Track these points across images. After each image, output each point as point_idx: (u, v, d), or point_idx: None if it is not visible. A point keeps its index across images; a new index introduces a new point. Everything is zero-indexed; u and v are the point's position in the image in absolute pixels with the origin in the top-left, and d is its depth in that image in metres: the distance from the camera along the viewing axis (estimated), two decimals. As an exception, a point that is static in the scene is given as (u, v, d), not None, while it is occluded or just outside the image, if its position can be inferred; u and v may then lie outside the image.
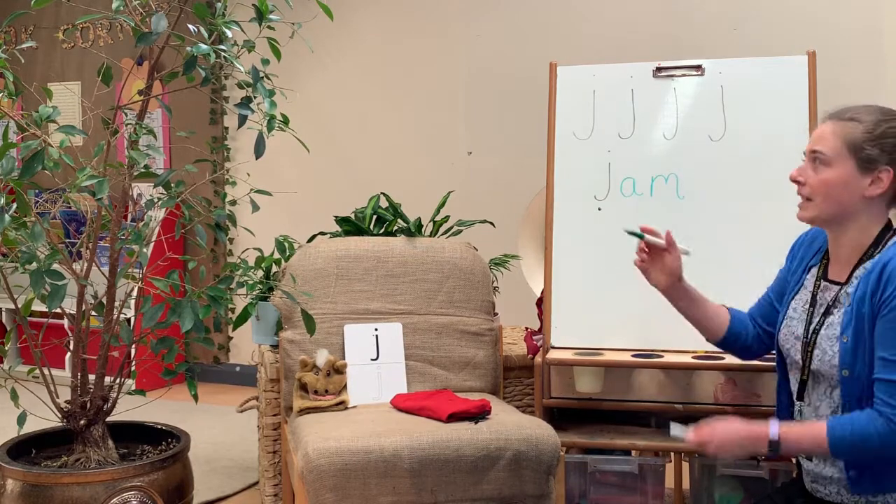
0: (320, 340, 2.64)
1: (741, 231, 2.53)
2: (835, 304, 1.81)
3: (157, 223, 4.41)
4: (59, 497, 2.27)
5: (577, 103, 2.68)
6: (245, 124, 2.45)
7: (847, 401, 1.75)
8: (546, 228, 2.63)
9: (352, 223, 3.02)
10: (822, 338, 1.80)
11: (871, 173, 1.77)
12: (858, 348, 1.73)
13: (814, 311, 1.86)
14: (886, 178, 1.77)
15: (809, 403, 1.85)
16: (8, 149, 2.15)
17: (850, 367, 1.73)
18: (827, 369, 1.79)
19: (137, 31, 2.30)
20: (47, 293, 2.13)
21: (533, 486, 2.27)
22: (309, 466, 2.16)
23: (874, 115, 1.79)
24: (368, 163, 4.77)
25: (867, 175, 1.78)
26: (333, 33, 4.66)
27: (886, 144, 1.77)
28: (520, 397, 3.10)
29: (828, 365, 1.78)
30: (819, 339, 1.81)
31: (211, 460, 3.69)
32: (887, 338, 1.68)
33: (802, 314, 1.88)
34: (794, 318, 1.90)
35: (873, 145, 1.77)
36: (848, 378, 1.74)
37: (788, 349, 1.91)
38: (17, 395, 2.42)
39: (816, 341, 1.81)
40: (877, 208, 1.80)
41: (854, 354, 1.73)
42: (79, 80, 5.58)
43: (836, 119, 1.82)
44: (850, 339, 1.74)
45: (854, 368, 1.73)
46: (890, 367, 1.67)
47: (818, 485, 1.83)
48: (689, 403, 2.46)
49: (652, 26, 4.07)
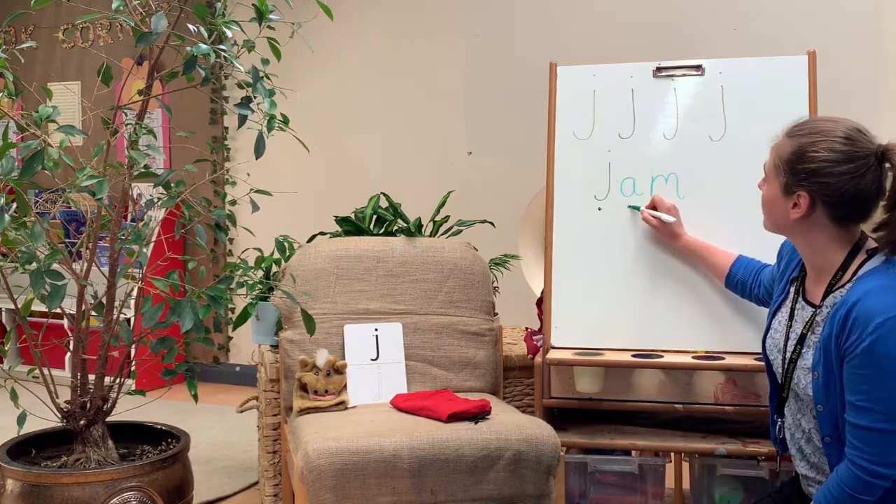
0: (320, 340, 2.64)
1: (741, 231, 2.53)
2: (810, 330, 1.79)
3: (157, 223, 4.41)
4: (59, 497, 2.27)
5: (577, 103, 2.68)
6: (245, 124, 2.45)
7: (825, 433, 1.74)
8: (546, 228, 2.63)
9: (352, 223, 3.02)
10: (798, 368, 1.79)
11: (791, 196, 1.74)
12: (829, 385, 1.71)
13: (791, 326, 1.85)
14: (804, 203, 1.72)
15: (791, 420, 1.86)
16: (8, 149, 2.15)
17: (823, 402, 1.72)
18: (804, 396, 1.78)
19: (137, 30, 2.30)
20: (47, 293, 2.13)
21: (533, 486, 2.27)
22: (309, 466, 2.16)
23: (810, 137, 1.72)
24: (368, 163, 4.77)
25: (789, 198, 1.75)
26: (333, 33, 4.66)
27: (804, 169, 1.71)
28: (520, 397, 3.10)
29: (804, 393, 1.78)
30: (796, 369, 1.80)
31: (211, 460, 3.69)
32: (852, 382, 1.66)
33: (784, 328, 1.87)
34: (779, 332, 1.89)
35: (790, 168, 1.73)
36: (823, 413, 1.73)
37: (773, 360, 1.91)
38: (17, 396, 2.42)
39: (794, 370, 1.80)
40: (826, 231, 1.74)
41: (825, 391, 1.71)
42: (79, 80, 5.58)
43: (785, 133, 1.78)
44: (820, 376, 1.72)
45: (827, 404, 1.72)
46: (854, 411, 1.65)
47: (812, 488, 1.83)
48: (689, 403, 2.46)
49: (652, 26, 4.07)
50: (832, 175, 1.69)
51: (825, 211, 1.72)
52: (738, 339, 2.44)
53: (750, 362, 2.33)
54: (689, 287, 2.50)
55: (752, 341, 2.41)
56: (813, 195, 1.72)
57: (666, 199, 2.49)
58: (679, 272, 2.52)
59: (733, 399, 2.44)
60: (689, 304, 2.50)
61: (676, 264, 2.53)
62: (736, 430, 2.43)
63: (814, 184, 1.71)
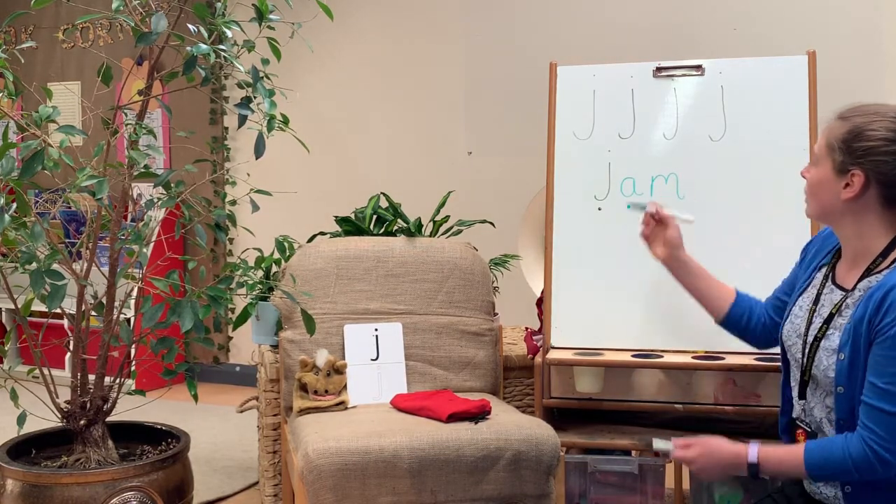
0: (320, 340, 2.64)
1: (741, 231, 2.53)
2: (839, 312, 1.79)
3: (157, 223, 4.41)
4: (59, 497, 2.27)
5: (577, 103, 2.68)
6: (245, 124, 2.45)
7: (841, 416, 1.74)
8: (546, 228, 2.63)
9: (352, 223, 3.02)
10: (821, 348, 1.79)
11: (844, 176, 1.75)
12: (854, 367, 1.71)
13: (815, 310, 1.85)
14: (857, 183, 1.73)
15: (811, 403, 1.85)
16: (8, 149, 2.15)
17: (845, 384, 1.72)
18: (823, 378, 1.78)
19: (137, 31, 2.30)
20: (47, 293, 2.13)
21: (533, 486, 2.27)
22: (309, 466, 2.16)
23: (866, 117, 1.75)
24: (368, 163, 4.77)
25: (842, 177, 1.76)
26: (333, 33, 4.66)
27: (860, 147, 1.73)
28: (520, 397, 3.10)
29: (823, 375, 1.78)
30: (819, 348, 1.80)
31: (211, 460, 3.69)
32: (880, 365, 1.66)
33: (806, 313, 1.87)
34: (799, 317, 1.89)
35: (846, 147, 1.74)
36: (843, 395, 1.73)
37: (790, 346, 1.90)
38: (17, 395, 2.42)
39: (817, 349, 1.80)
40: (874, 213, 1.76)
41: (849, 373, 1.71)
42: (79, 80, 5.58)
43: (837, 116, 1.81)
44: (846, 358, 1.72)
45: (848, 386, 1.72)
46: (878, 394, 1.65)
47: (816, 487, 1.83)
48: (689, 403, 2.46)
49: (652, 26, 4.07)
50: (889, 154, 1.71)
51: (878, 191, 1.74)
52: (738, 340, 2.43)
53: (750, 362, 2.33)
54: (689, 287, 2.50)
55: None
56: (868, 174, 1.73)
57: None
58: (679, 272, 2.52)
59: (733, 399, 2.44)
60: (689, 304, 2.50)
61: (676, 264, 2.53)
62: (736, 430, 2.42)
63: (870, 162, 1.72)
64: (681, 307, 2.49)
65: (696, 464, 1.82)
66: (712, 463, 1.81)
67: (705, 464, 1.81)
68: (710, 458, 1.81)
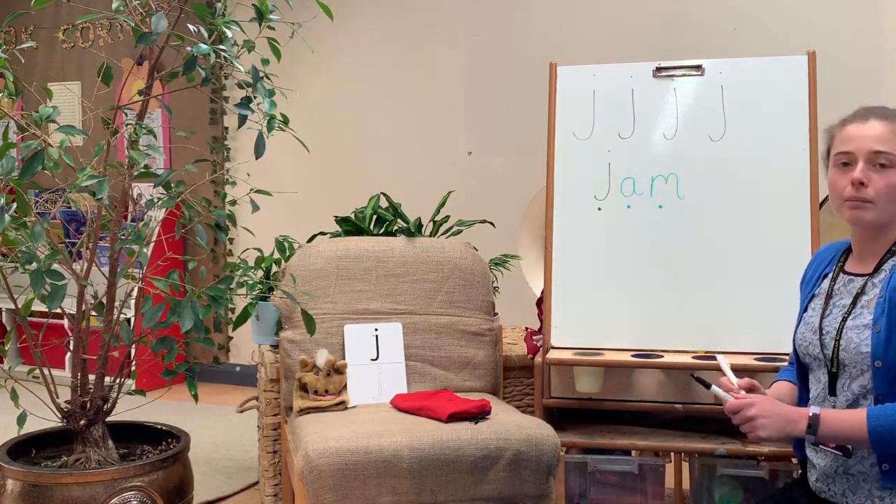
0: (320, 340, 2.64)
1: (741, 231, 2.53)
2: (863, 292, 1.80)
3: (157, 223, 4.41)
4: (59, 497, 2.27)
5: (577, 103, 2.68)
6: (245, 124, 2.45)
7: (880, 391, 1.74)
8: (546, 228, 2.63)
9: (352, 223, 3.02)
10: (848, 328, 1.79)
11: None
12: (892, 338, 1.71)
13: (831, 302, 1.86)
14: None
15: (840, 398, 1.84)
16: (8, 149, 2.15)
17: (883, 357, 1.72)
18: (854, 358, 1.78)
19: (137, 31, 2.30)
20: (47, 293, 2.13)
21: (533, 486, 2.27)
22: (309, 466, 2.16)
23: None
24: (368, 163, 4.77)
25: None
26: (333, 33, 4.66)
27: None
28: (520, 397, 3.10)
29: (855, 353, 1.77)
30: (846, 329, 1.80)
31: (211, 460, 3.69)
32: None
33: (819, 311, 1.87)
34: (812, 317, 1.89)
35: None
36: (881, 368, 1.73)
37: (806, 346, 1.89)
38: (17, 395, 2.42)
39: (843, 330, 1.80)
40: None
41: (887, 345, 1.72)
42: (79, 80, 5.58)
43: (892, 119, 1.81)
44: (882, 330, 1.73)
45: (886, 358, 1.72)
46: None
47: (822, 484, 1.83)
48: (689, 403, 2.46)
49: (652, 26, 4.07)
50: None
51: None
52: (738, 339, 2.44)
53: (750, 362, 2.33)
54: (688, 287, 2.51)
55: (752, 341, 2.41)
56: None
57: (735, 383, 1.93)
58: (679, 272, 2.52)
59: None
60: (689, 304, 2.50)
61: (676, 264, 2.53)
62: (736, 430, 2.42)
63: None
64: (681, 307, 2.50)
65: (757, 419, 1.77)
66: (774, 414, 1.75)
67: (767, 414, 1.75)
68: (770, 411, 1.75)
